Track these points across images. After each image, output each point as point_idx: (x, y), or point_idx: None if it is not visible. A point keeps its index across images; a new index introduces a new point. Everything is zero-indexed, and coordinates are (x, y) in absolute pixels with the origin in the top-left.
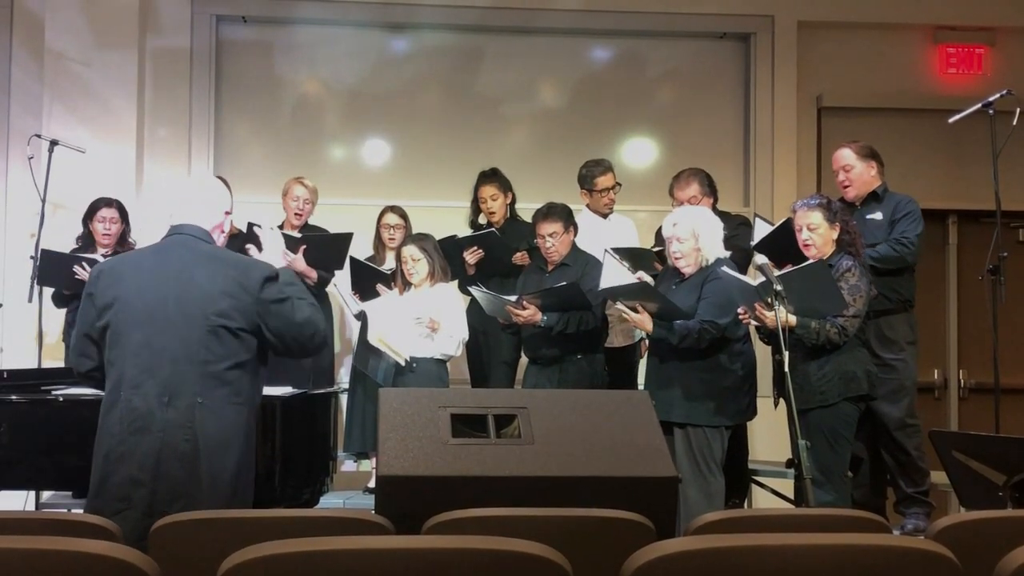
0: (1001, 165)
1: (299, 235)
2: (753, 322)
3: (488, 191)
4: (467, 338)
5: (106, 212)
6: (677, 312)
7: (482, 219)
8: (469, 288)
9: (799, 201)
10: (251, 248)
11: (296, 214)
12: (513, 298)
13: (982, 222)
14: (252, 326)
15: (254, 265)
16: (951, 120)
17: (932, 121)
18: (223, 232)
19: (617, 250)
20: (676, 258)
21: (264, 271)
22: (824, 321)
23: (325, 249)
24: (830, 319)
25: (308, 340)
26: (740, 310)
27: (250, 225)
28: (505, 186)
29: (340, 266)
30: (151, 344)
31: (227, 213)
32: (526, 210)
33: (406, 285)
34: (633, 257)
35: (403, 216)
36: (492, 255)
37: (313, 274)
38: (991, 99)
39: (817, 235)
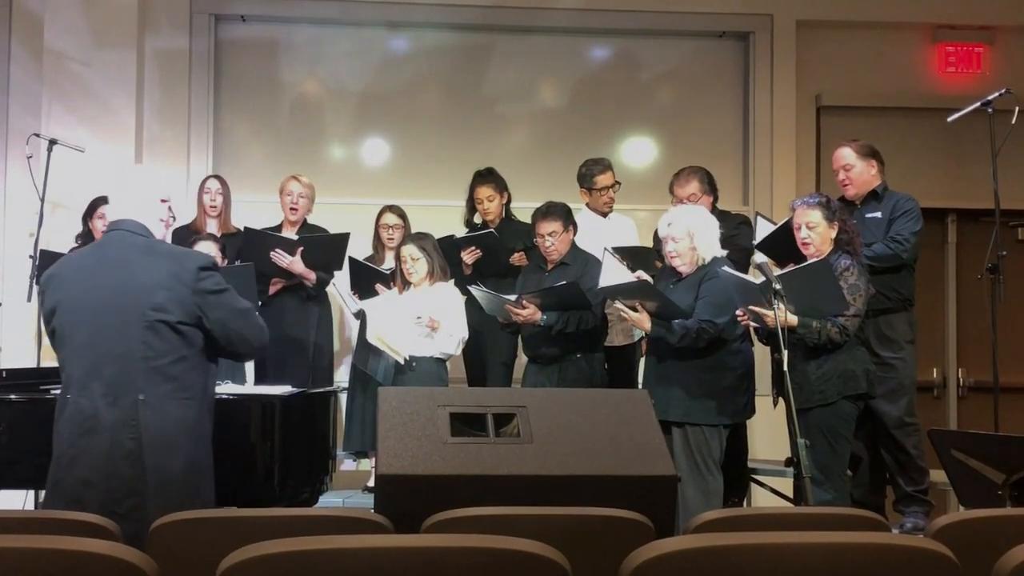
0: (1000, 164)
1: (296, 237)
2: (752, 323)
3: (484, 191)
4: (467, 337)
5: (105, 210)
6: (676, 311)
7: (477, 219)
8: (469, 287)
9: (798, 199)
10: None
11: (292, 208)
12: (513, 297)
13: (981, 221)
14: (192, 318)
15: (189, 255)
16: (950, 119)
17: (931, 120)
18: (162, 221)
19: (617, 249)
20: (672, 257)
21: (199, 260)
22: (825, 320)
23: (323, 250)
24: (831, 318)
25: (249, 332)
26: (739, 312)
27: (247, 229)
28: (501, 186)
29: (339, 266)
30: (94, 343)
31: (163, 201)
32: (525, 210)
33: (405, 284)
34: (633, 256)
35: (402, 216)
36: (490, 255)
37: (312, 276)
38: (990, 98)
39: (816, 233)
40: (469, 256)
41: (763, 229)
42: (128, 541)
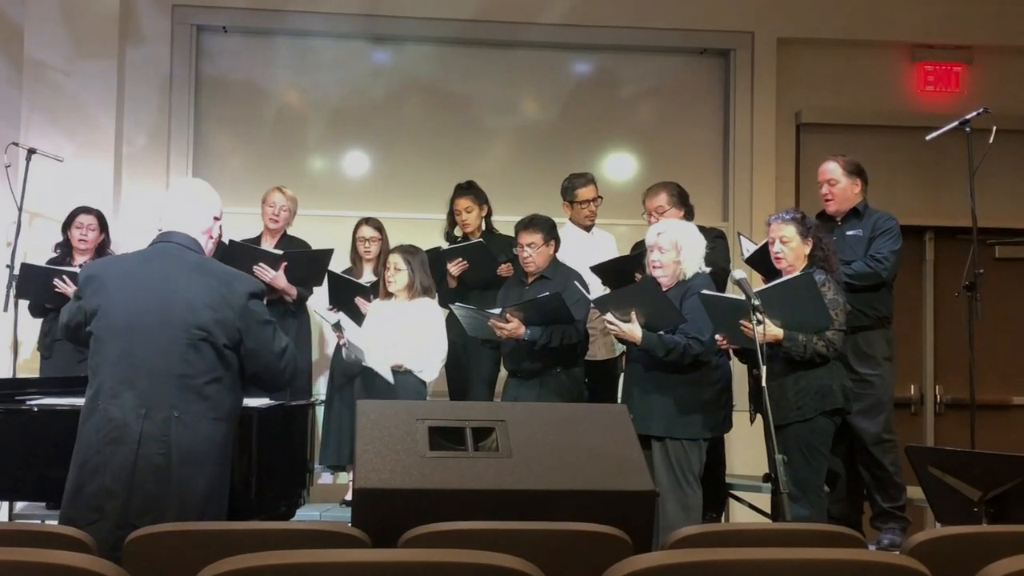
0: (977, 183)
1: (280, 252)
2: (732, 346)
3: (463, 203)
4: (445, 357)
5: (84, 219)
6: (673, 314)
7: (458, 231)
8: (450, 306)
9: (773, 215)
10: None
11: (272, 219)
12: (497, 311)
13: (959, 239)
14: (233, 341)
15: (239, 279)
16: (928, 137)
17: (909, 138)
18: (211, 238)
19: (598, 266)
20: (655, 266)
21: (249, 286)
22: (811, 336)
23: (305, 266)
24: (817, 333)
25: (280, 370)
26: (718, 337)
27: (232, 242)
28: (480, 199)
29: (319, 282)
30: (131, 354)
31: (216, 218)
32: (506, 223)
33: (387, 294)
34: (616, 267)
35: (379, 228)
36: (477, 267)
37: (294, 291)
38: (968, 117)
39: (788, 248)
40: (455, 268)
41: (746, 249)
42: None
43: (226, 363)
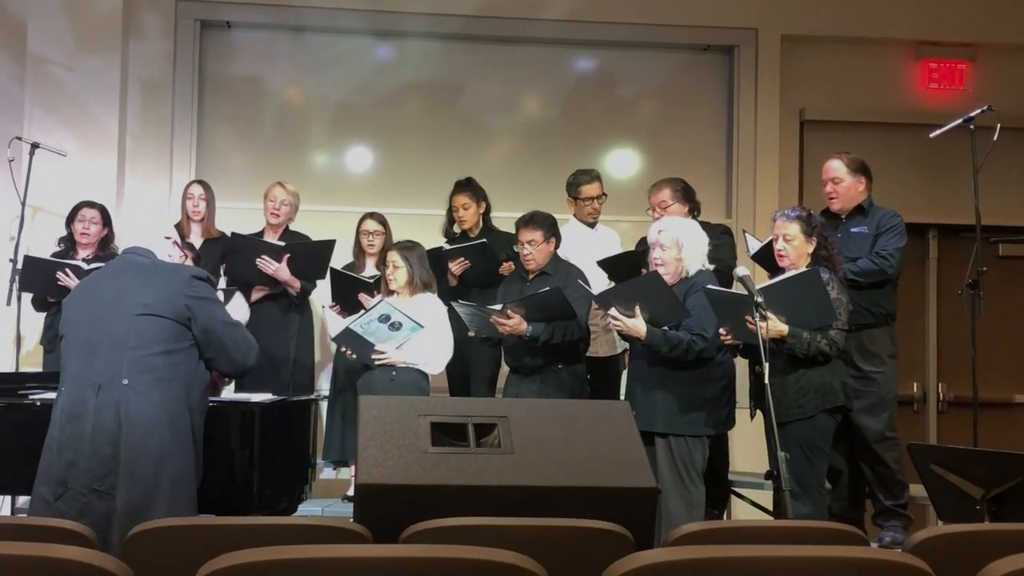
0: (981, 180)
1: (283, 244)
2: (736, 341)
3: (460, 199)
4: (451, 354)
5: (87, 212)
6: (678, 309)
7: (456, 228)
8: (452, 303)
9: (779, 211)
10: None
11: (273, 214)
12: (498, 307)
13: (962, 236)
14: (181, 317)
15: (184, 267)
16: (932, 135)
17: (913, 136)
18: (169, 255)
19: (604, 260)
20: (657, 264)
21: (192, 271)
22: (815, 333)
23: (308, 258)
24: (821, 331)
25: (235, 348)
26: (722, 331)
27: (234, 235)
28: (478, 195)
29: (322, 275)
30: (90, 341)
31: (167, 237)
32: (507, 220)
33: (389, 292)
34: (620, 262)
35: (382, 223)
36: (479, 266)
37: (297, 284)
38: (972, 114)
39: (791, 246)
40: (457, 267)
41: (751, 246)
42: (106, 525)
43: (175, 336)
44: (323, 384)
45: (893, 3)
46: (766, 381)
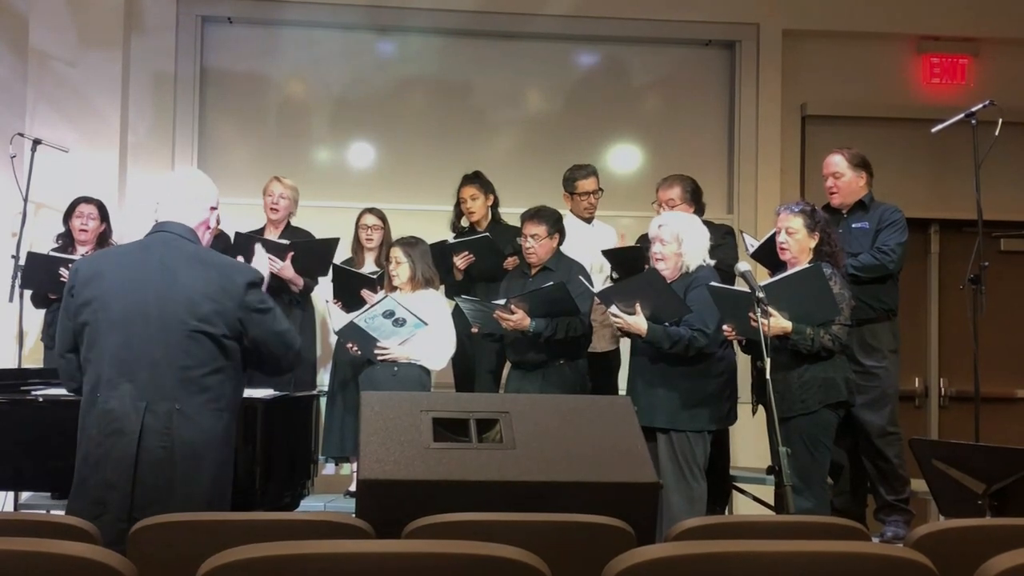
0: (983, 175)
1: (287, 242)
2: (738, 337)
3: (468, 191)
4: (454, 351)
5: (84, 208)
6: (676, 304)
7: (464, 222)
8: (455, 299)
9: (783, 205)
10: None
11: (272, 208)
12: (502, 302)
13: (964, 231)
14: (234, 332)
15: (238, 269)
16: (934, 130)
17: (915, 131)
18: (208, 228)
19: (608, 251)
20: (657, 259)
21: (248, 276)
22: (818, 328)
23: (311, 255)
24: (824, 327)
25: (284, 355)
26: (726, 327)
27: (237, 234)
28: (487, 188)
29: (325, 273)
30: (130, 346)
31: (212, 208)
32: (510, 215)
33: (392, 287)
34: (622, 256)
35: (381, 217)
36: (483, 260)
37: (300, 281)
38: (974, 109)
39: (794, 240)
40: (462, 261)
41: (749, 245)
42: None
43: (227, 353)
44: (324, 380)
45: None
46: (767, 376)
